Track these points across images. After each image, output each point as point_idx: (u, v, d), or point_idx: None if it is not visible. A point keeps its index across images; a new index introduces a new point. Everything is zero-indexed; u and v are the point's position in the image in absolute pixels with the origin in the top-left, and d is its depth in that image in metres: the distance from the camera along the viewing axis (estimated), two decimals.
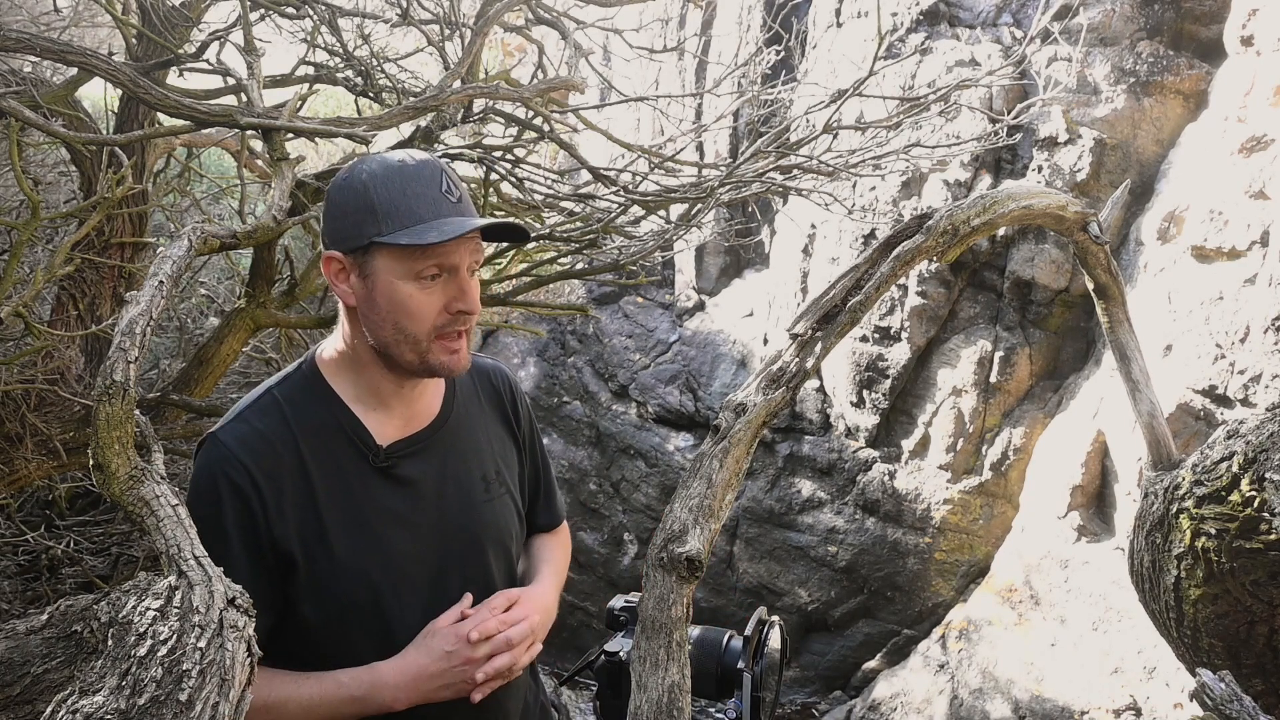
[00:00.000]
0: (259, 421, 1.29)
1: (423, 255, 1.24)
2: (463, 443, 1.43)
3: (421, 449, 1.37)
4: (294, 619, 1.29)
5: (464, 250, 1.26)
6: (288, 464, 1.27)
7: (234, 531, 1.23)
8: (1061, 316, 4.95)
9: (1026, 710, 4.24)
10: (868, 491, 5.52)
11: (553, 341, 7.47)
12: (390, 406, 1.36)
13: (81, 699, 0.80)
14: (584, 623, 6.58)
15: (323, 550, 1.27)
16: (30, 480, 3.00)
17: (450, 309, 1.26)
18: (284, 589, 1.27)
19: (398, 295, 1.24)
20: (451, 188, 1.27)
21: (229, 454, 1.25)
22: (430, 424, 1.40)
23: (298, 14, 3.32)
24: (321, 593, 1.27)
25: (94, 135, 3.09)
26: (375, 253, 1.24)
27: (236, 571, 1.21)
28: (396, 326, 1.26)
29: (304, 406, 1.32)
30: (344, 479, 1.30)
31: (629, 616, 1.40)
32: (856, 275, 1.25)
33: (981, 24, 5.25)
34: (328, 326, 3.07)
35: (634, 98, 4.19)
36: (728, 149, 6.85)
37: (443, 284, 1.26)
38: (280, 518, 1.25)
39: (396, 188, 1.24)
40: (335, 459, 1.31)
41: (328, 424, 1.32)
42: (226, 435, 1.27)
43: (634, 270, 4.10)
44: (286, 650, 1.30)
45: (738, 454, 1.12)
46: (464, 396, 1.48)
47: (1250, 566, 1.38)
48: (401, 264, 1.24)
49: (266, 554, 1.25)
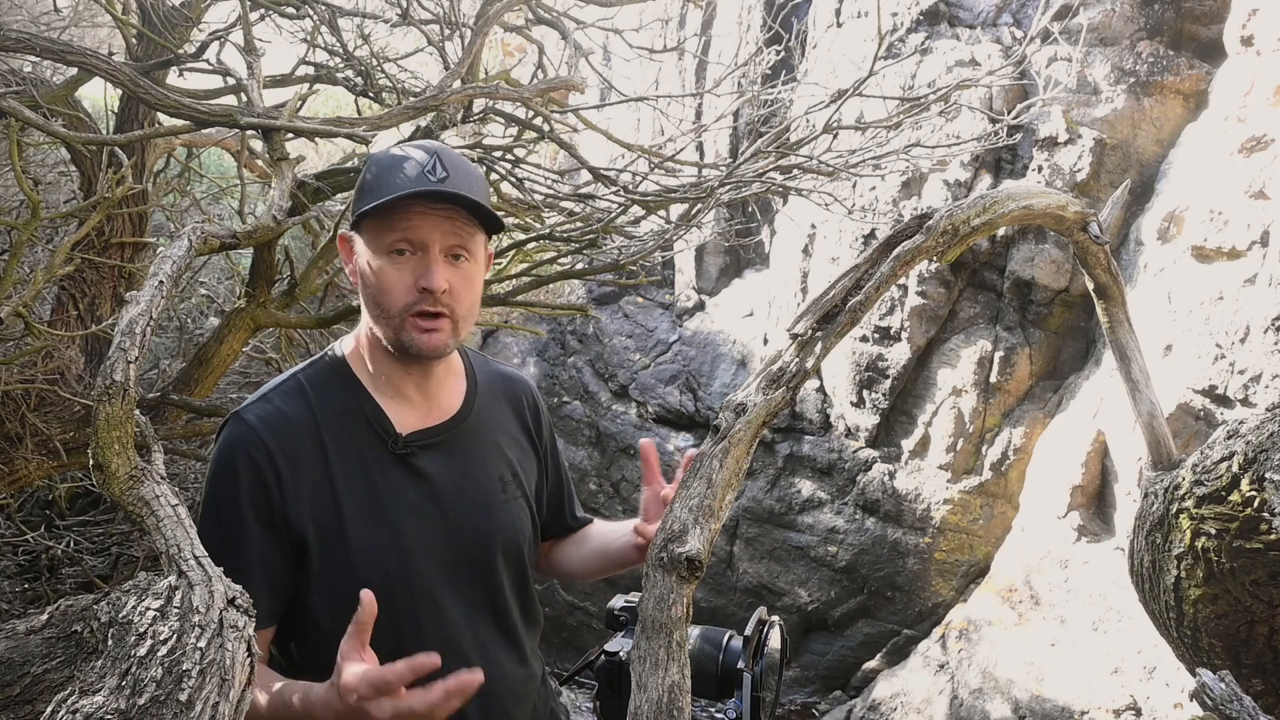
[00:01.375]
0: (282, 403, 1.31)
1: (388, 227, 1.26)
2: (482, 442, 1.43)
3: (440, 442, 1.37)
4: (300, 614, 1.28)
5: (432, 226, 1.26)
6: (307, 445, 1.29)
7: (249, 508, 1.24)
8: (1061, 316, 4.95)
9: (1026, 710, 4.24)
10: (868, 491, 5.51)
11: (553, 341, 7.47)
12: (407, 396, 1.36)
13: (81, 699, 0.80)
14: (584, 623, 6.58)
15: (337, 533, 1.27)
16: (30, 480, 3.00)
17: (416, 286, 1.27)
18: (297, 572, 1.27)
19: (373, 269, 1.28)
20: (438, 168, 1.26)
21: (249, 431, 1.27)
22: (450, 419, 1.40)
23: (298, 14, 3.32)
24: (332, 580, 1.26)
25: (94, 135, 3.09)
26: (362, 229, 1.29)
27: (253, 547, 1.23)
28: (375, 301, 1.29)
29: (327, 391, 1.34)
30: (362, 464, 1.31)
31: (629, 616, 1.40)
32: (856, 275, 1.25)
33: (981, 24, 5.25)
34: (328, 326, 3.07)
35: (634, 98, 4.19)
36: (728, 149, 6.85)
37: (414, 262, 1.27)
38: (296, 497, 1.26)
39: (386, 168, 1.28)
40: (355, 444, 1.31)
41: (349, 409, 1.33)
42: (249, 414, 1.30)
43: (634, 270, 4.10)
44: (286, 652, 1.30)
45: (738, 454, 1.12)
46: (486, 397, 1.47)
47: (1250, 566, 1.38)
48: (374, 238, 1.28)
49: (280, 531, 1.25)
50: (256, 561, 1.24)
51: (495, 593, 1.40)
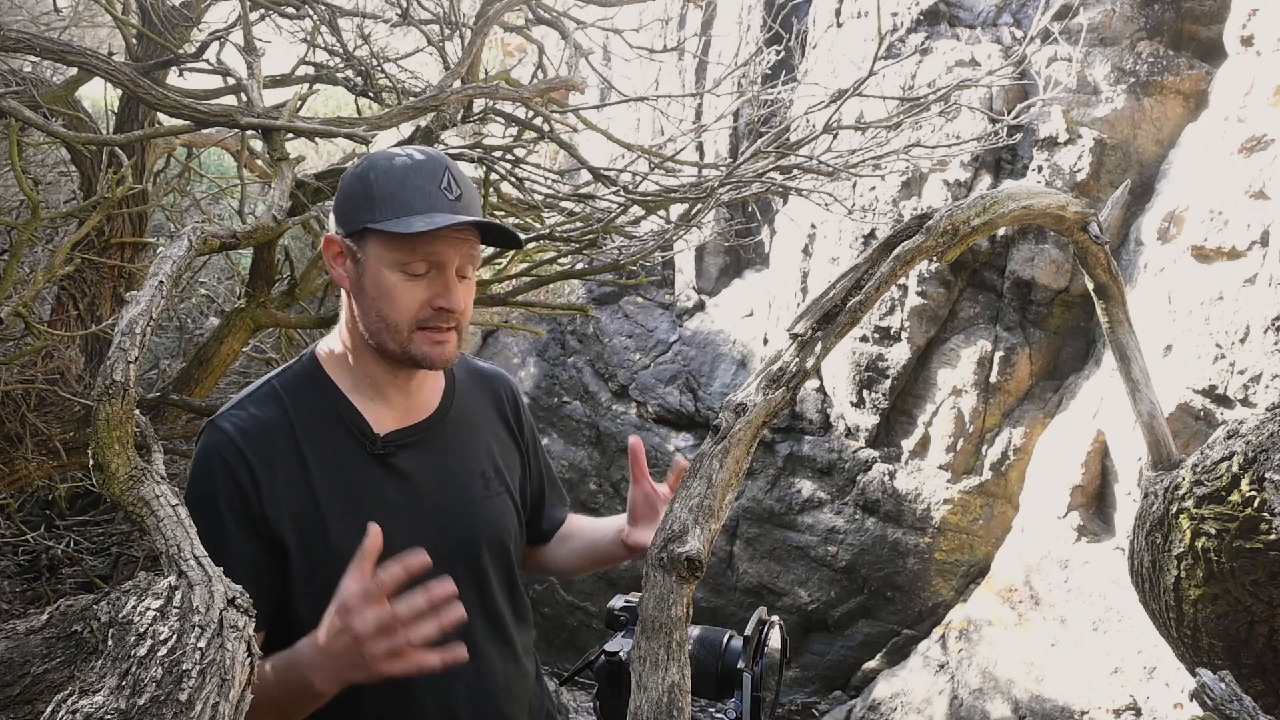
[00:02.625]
0: (256, 409, 1.31)
1: (410, 247, 1.25)
2: (462, 438, 1.43)
3: (420, 440, 1.37)
4: (283, 618, 1.27)
5: (453, 249, 1.27)
6: (282, 449, 1.28)
7: (227, 512, 1.24)
8: (1061, 316, 4.95)
9: (1026, 710, 4.24)
10: (868, 491, 5.51)
11: (553, 341, 7.47)
12: (387, 397, 1.36)
13: (81, 699, 0.80)
14: (584, 623, 6.58)
15: (318, 535, 1.27)
16: (30, 480, 3.00)
17: (433, 304, 1.27)
18: (279, 575, 1.26)
19: (384, 283, 1.27)
20: (452, 185, 1.27)
21: (224, 438, 1.27)
22: (429, 417, 1.40)
23: (298, 14, 3.32)
24: (315, 582, 1.25)
25: (94, 135, 3.09)
26: (368, 239, 1.28)
27: (234, 550, 1.22)
28: (380, 314, 1.28)
29: (302, 396, 1.34)
30: (341, 466, 1.31)
31: (629, 616, 1.40)
32: (856, 275, 1.25)
33: (981, 24, 5.25)
34: (328, 326, 3.06)
35: (634, 98, 4.19)
36: (728, 149, 6.85)
37: (429, 279, 1.27)
38: (274, 500, 1.25)
39: (396, 178, 1.27)
40: (332, 446, 1.31)
41: (325, 413, 1.33)
42: (224, 421, 1.30)
43: (634, 270, 4.10)
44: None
45: (738, 454, 1.12)
46: (465, 394, 1.47)
47: (1250, 566, 1.38)
48: (390, 253, 1.26)
49: (260, 534, 1.25)
50: (237, 565, 1.20)
51: (484, 590, 1.39)
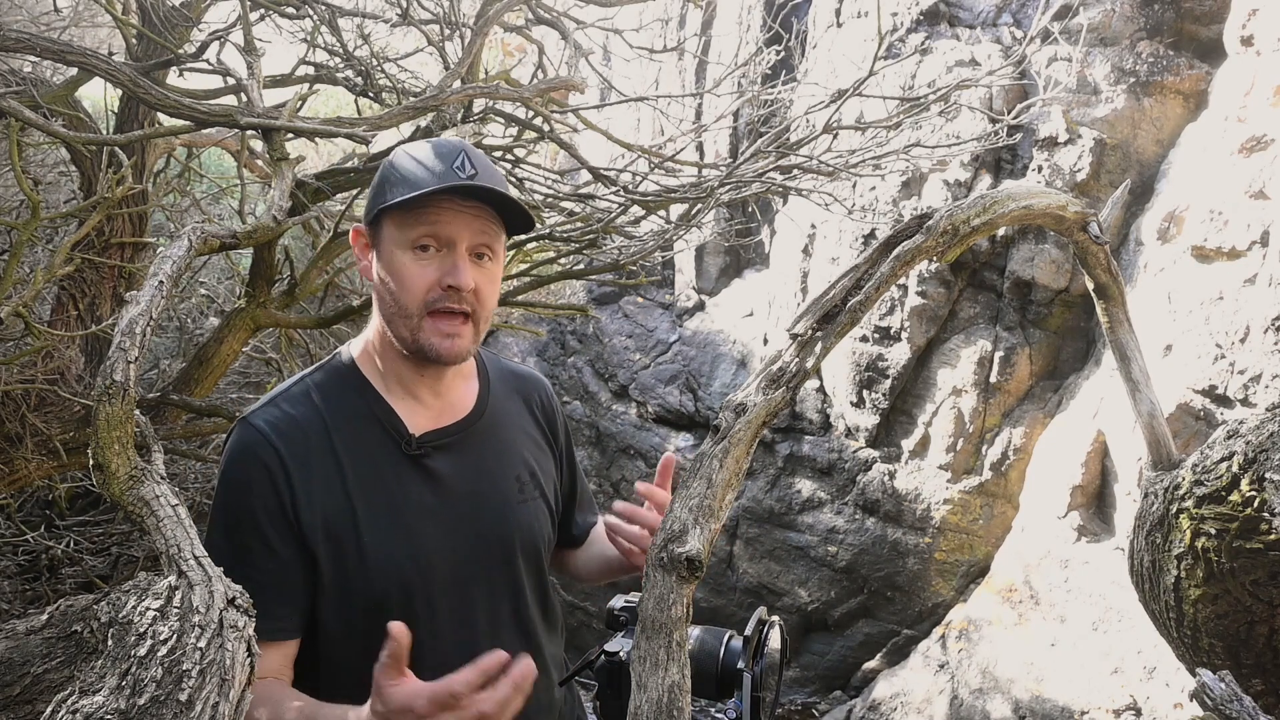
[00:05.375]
0: (290, 407, 1.28)
1: (415, 220, 1.23)
2: (497, 441, 1.40)
3: (454, 442, 1.34)
4: (314, 630, 1.24)
5: (461, 224, 1.24)
6: (317, 449, 1.26)
7: (263, 513, 1.21)
8: (1061, 316, 4.95)
9: (1026, 710, 4.24)
10: (868, 491, 5.51)
11: (553, 341, 7.47)
12: (419, 397, 1.33)
13: (81, 699, 0.80)
14: (584, 623, 6.58)
15: (351, 537, 1.23)
16: (30, 480, 3.00)
17: (442, 283, 1.24)
18: (312, 577, 1.23)
19: (395, 263, 1.25)
20: (466, 164, 1.24)
21: (259, 436, 1.24)
22: (464, 418, 1.37)
23: (298, 14, 3.32)
24: (347, 587, 1.22)
25: (94, 135, 3.09)
26: (383, 223, 1.26)
27: (269, 555, 1.19)
28: (392, 297, 1.26)
29: (336, 394, 1.31)
30: (375, 466, 1.28)
31: (629, 616, 1.40)
32: (856, 275, 1.25)
33: (981, 24, 5.25)
34: (328, 326, 3.07)
35: (634, 98, 4.19)
36: (728, 149, 6.85)
37: (439, 258, 1.25)
38: (308, 503, 1.23)
39: (412, 161, 1.25)
40: (367, 446, 1.28)
41: (360, 411, 1.30)
42: (257, 418, 1.27)
43: (634, 270, 4.10)
44: (300, 672, 1.24)
45: (738, 454, 1.12)
46: (499, 396, 1.44)
47: (1250, 566, 1.38)
48: (399, 231, 1.24)
49: (296, 536, 1.22)
50: (273, 572, 1.20)
51: (516, 597, 1.36)
